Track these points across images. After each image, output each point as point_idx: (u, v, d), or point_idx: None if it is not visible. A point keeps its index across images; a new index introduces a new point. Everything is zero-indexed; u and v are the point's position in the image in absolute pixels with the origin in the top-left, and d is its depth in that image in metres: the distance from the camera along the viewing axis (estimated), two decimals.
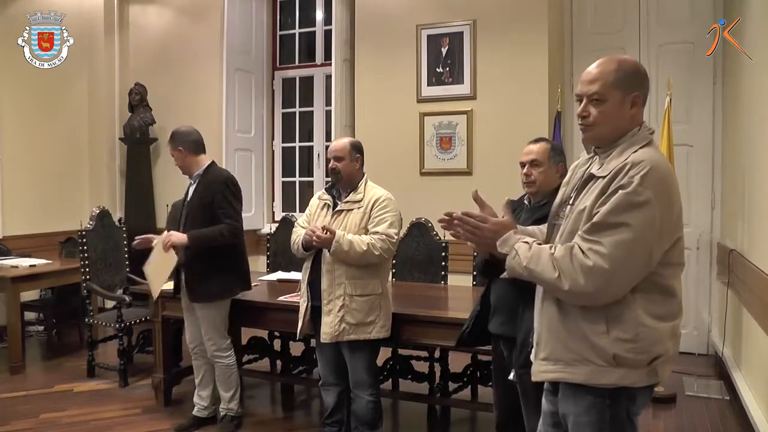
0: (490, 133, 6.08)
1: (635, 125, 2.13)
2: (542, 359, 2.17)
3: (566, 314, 2.10)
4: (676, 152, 5.02)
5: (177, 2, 7.65)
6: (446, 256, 4.91)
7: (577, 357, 2.08)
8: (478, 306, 3.22)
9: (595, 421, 2.11)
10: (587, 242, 2.00)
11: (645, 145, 2.09)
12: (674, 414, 4.71)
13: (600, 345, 2.04)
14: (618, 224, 1.97)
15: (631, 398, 2.10)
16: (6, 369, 5.63)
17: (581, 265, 1.99)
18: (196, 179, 4.26)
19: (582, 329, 2.07)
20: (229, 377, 4.36)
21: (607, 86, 2.10)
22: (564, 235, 2.15)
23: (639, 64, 2.20)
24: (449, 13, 6.25)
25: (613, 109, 2.10)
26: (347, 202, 3.77)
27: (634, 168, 1.99)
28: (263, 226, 7.48)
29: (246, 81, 7.43)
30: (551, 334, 2.14)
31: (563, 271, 2.02)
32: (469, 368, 4.56)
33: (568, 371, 2.10)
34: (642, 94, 2.13)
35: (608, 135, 2.13)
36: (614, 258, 1.96)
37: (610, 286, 1.99)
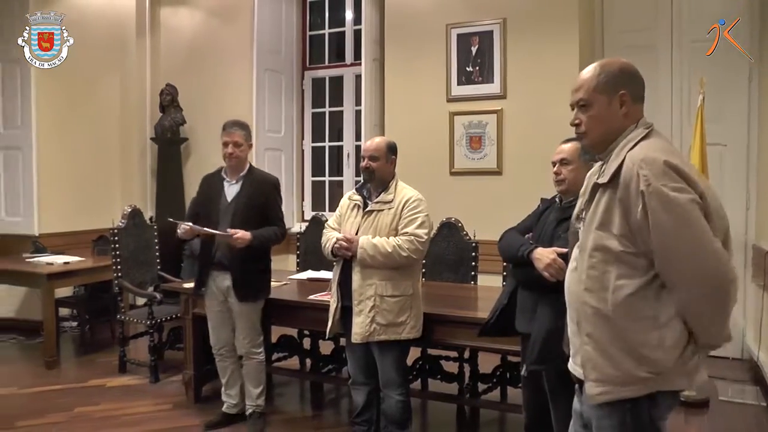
0: (520, 132, 6.04)
1: (630, 123, 2.13)
2: (594, 380, 2.11)
3: (613, 331, 2.06)
4: (710, 152, 4.93)
5: (207, 4, 7.71)
6: (476, 256, 4.88)
7: (628, 375, 2.04)
8: (505, 300, 3.23)
9: (616, 425, 2.10)
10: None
11: (642, 139, 2.09)
12: (707, 419, 4.63)
13: (652, 357, 2.01)
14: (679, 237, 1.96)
15: (654, 402, 2.07)
16: (42, 363, 5.75)
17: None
18: (239, 179, 4.24)
19: (631, 344, 2.03)
20: (260, 373, 4.41)
21: (590, 91, 2.14)
22: (578, 250, 2.19)
23: (625, 63, 2.19)
24: (479, 12, 6.22)
25: (601, 112, 2.13)
26: (378, 202, 3.76)
27: (638, 176, 1.98)
28: (293, 225, 7.49)
29: (276, 81, 7.47)
30: (600, 354, 2.09)
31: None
32: (498, 369, 4.53)
33: (626, 389, 2.06)
34: (630, 91, 2.13)
35: (602, 138, 2.16)
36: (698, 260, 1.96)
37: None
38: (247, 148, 4.27)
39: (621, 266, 2.04)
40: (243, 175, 4.25)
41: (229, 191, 4.25)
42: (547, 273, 2.88)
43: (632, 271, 2.04)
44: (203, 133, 7.48)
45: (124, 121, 7.75)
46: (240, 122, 4.29)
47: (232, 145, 4.18)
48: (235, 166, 4.24)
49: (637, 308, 2.03)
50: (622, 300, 2.03)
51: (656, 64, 5.93)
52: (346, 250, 3.67)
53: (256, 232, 4.11)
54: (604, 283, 2.07)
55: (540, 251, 2.96)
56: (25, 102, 6.76)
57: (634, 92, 2.15)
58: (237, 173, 4.26)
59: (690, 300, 1.99)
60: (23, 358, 6.12)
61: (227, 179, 4.28)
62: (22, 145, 6.81)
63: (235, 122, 4.27)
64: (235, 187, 4.25)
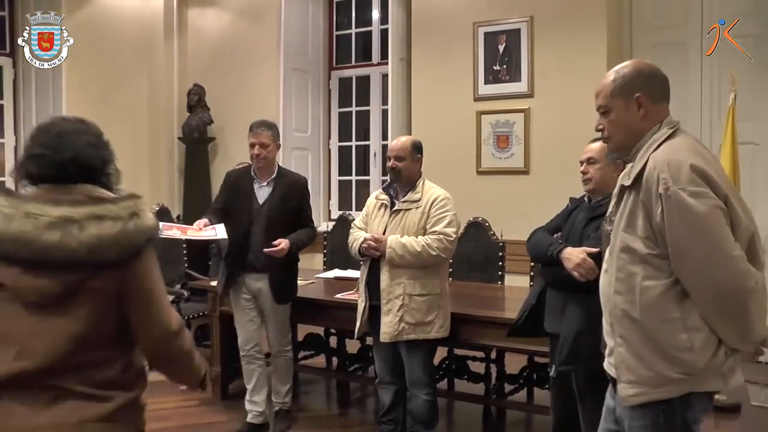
0: (548, 131, 6.00)
1: (651, 124, 2.14)
2: (627, 382, 2.10)
3: (643, 332, 2.06)
4: (741, 151, 4.85)
5: (235, 4, 7.75)
6: (503, 256, 4.86)
7: (661, 377, 2.04)
8: (534, 300, 3.20)
9: (649, 425, 2.09)
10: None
11: (666, 139, 2.09)
12: (738, 424, 4.55)
13: (683, 359, 2.01)
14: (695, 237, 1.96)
15: (687, 404, 2.06)
16: None
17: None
18: (270, 182, 4.19)
19: (662, 346, 2.03)
20: (289, 370, 4.43)
21: (608, 97, 2.18)
22: (608, 252, 2.19)
23: (641, 64, 2.22)
24: (506, 11, 6.19)
25: (619, 116, 2.16)
26: (405, 201, 3.75)
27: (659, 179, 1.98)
28: (320, 224, 7.48)
29: (303, 81, 7.48)
30: (632, 355, 2.08)
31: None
32: (525, 370, 4.50)
33: (659, 390, 2.05)
34: (646, 93, 2.14)
35: (625, 142, 2.19)
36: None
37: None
38: (275, 149, 4.21)
39: (646, 268, 2.05)
40: (273, 177, 4.20)
41: (260, 193, 4.19)
42: (576, 273, 2.86)
43: (657, 272, 2.04)
44: (230, 132, 7.52)
45: (152, 121, 7.82)
46: (267, 122, 4.23)
47: (258, 146, 4.10)
48: (263, 167, 4.18)
49: (663, 310, 2.03)
50: (649, 302, 2.04)
51: (686, 61, 5.85)
52: (375, 249, 3.67)
53: (293, 238, 4.10)
54: (631, 285, 2.07)
55: (569, 251, 2.93)
56: (57, 102, 6.87)
57: (652, 93, 2.15)
58: (267, 175, 4.20)
59: (702, 305, 2.00)
60: None
61: (257, 180, 4.21)
62: None
63: (262, 122, 4.20)
64: (266, 189, 4.19)
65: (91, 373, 1.74)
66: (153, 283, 1.84)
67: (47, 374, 1.70)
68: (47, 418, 1.68)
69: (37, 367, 1.68)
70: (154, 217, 2.07)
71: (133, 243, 1.77)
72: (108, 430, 1.74)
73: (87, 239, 1.69)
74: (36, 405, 1.68)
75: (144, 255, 1.82)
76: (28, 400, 1.68)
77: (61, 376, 1.70)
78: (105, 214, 1.73)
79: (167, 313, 1.84)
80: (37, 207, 1.70)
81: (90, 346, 1.74)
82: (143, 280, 1.81)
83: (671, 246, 1.99)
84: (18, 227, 1.68)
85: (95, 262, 1.70)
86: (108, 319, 1.76)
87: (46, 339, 1.69)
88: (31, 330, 1.70)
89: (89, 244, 1.69)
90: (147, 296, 1.81)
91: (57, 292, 1.70)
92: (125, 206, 1.79)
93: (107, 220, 1.73)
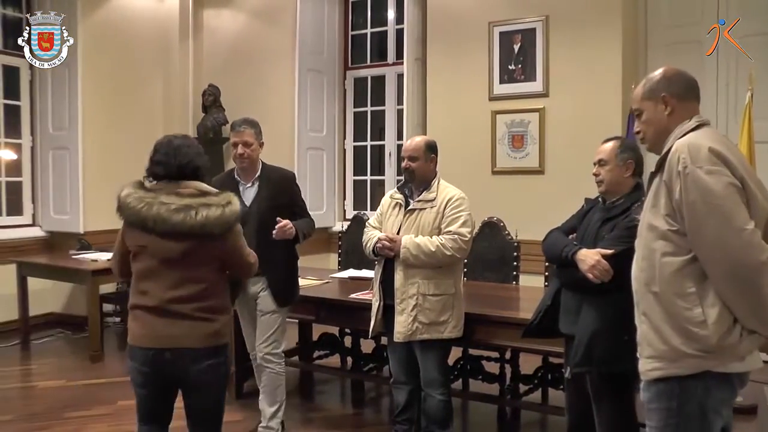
0: (563, 131, 5.98)
1: (678, 121, 2.29)
2: (647, 357, 2.22)
3: (662, 307, 2.16)
4: (758, 150, 4.81)
5: (250, 5, 7.78)
6: (518, 256, 4.85)
7: (676, 352, 2.13)
8: (549, 300, 3.20)
9: (663, 408, 2.18)
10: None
11: (692, 130, 2.24)
12: (755, 427, 4.51)
13: (701, 334, 2.08)
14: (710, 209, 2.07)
15: (705, 389, 2.13)
16: (86, 357, 5.90)
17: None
18: (254, 181, 3.98)
19: (678, 320, 2.12)
20: (277, 388, 4.12)
21: (639, 101, 2.39)
22: (638, 232, 2.33)
23: (667, 69, 2.39)
24: (521, 10, 6.18)
25: (650, 116, 2.35)
26: (420, 201, 3.75)
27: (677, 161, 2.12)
28: (335, 224, 7.54)
29: (318, 81, 7.49)
30: (653, 330, 2.19)
31: None
32: (540, 370, 4.49)
33: (675, 365, 2.14)
34: (671, 92, 2.31)
35: (655, 138, 2.35)
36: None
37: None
38: (258, 148, 3.99)
39: (667, 244, 2.17)
40: (258, 176, 3.99)
41: (246, 195, 3.96)
42: (591, 275, 2.85)
43: (677, 248, 2.15)
44: None
45: (168, 121, 7.85)
46: (250, 120, 4.03)
47: (242, 146, 3.91)
48: (247, 167, 3.98)
49: (681, 285, 2.13)
50: (667, 276, 2.15)
51: (701, 60, 5.80)
52: (389, 249, 3.67)
53: (297, 224, 3.90)
54: (652, 260, 2.20)
55: (584, 252, 2.93)
56: (73, 103, 6.91)
57: (677, 92, 2.31)
58: (251, 175, 4.00)
59: (716, 279, 2.08)
60: (70, 352, 6.27)
61: (242, 182, 4.01)
62: (69, 146, 6.98)
63: (245, 120, 4.01)
64: (252, 189, 3.99)
65: (202, 302, 2.78)
66: (239, 244, 2.88)
67: (176, 302, 2.75)
68: (181, 330, 2.75)
69: (170, 297, 2.74)
70: (240, 203, 2.91)
71: (229, 222, 2.75)
72: (215, 341, 2.81)
73: (200, 220, 2.67)
74: (172, 322, 2.75)
75: (234, 228, 2.81)
76: (166, 320, 2.76)
77: (182, 304, 2.75)
78: (211, 203, 2.72)
79: (247, 257, 2.94)
80: (167, 197, 2.71)
81: (197, 287, 2.76)
82: (234, 245, 2.85)
83: (688, 220, 2.10)
84: (156, 211, 2.68)
85: (205, 234, 2.69)
86: (210, 271, 2.80)
87: (173, 280, 2.75)
88: (165, 274, 2.75)
89: (201, 223, 2.67)
90: (238, 253, 2.89)
91: (179, 252, 2.72)
92: (223, 197, 2.78)
93: (212, 207, 2.71)
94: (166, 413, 2.98)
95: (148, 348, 2.78)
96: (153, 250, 2.74)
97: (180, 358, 2.76)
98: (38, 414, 4.65)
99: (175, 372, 2.79)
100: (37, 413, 4.67)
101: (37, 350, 6.35)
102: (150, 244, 2.73)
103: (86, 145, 6.97)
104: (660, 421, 2.20)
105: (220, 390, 2.94)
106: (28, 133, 7.18)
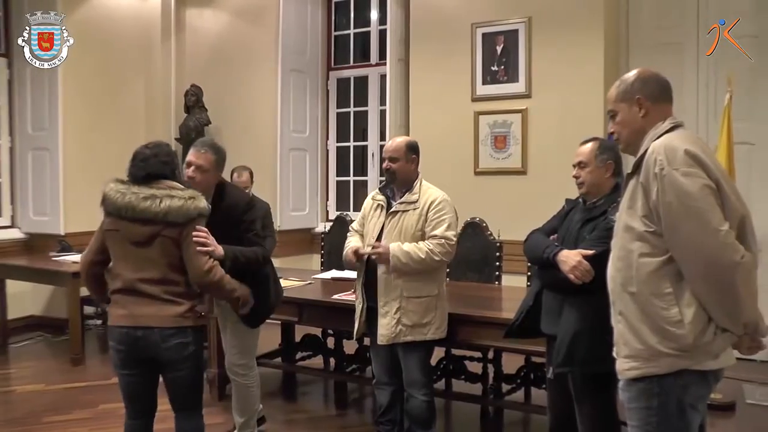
0: (545, 131, 6.00)
1: (654, 122, 2.32)
2: (624, 357, 2.26)
3: (639, 307, 2.20)
4: (737, 150, 4.86)
5: (233, 5, 7.74)
6: (500, 257, 4.86)
7: (653, 351, 2.17)
8: (531, 301, 3.21)
9: (644, 407, 2.22)
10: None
11: (667, 132, 2.26)
12: (734, 422, 4.57)
13: (677, 333, 2.13)
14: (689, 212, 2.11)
15: (683, 386, 2.17)
16: (67, 360, 5.83)
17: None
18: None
19: (654, 320, 2.17)
20: (246, 398, 3.99)
21: (614, 102, 2.41)
22: (615, 232, 2.37)
23: (642, 71, 2.42)
24: (504, 11, 6.19)
25: (624, 117, 2.38)
26: (402, 203, 3.73)
27: (654, 163, 2.16)
28: (317, 225, 7.53)
29: (301, 81, 7.49)
30: (629, 329, 2.23)
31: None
32: (522, 370, 4.50)
33: (652, 365, 2.18)
34: (645, 94, 2.34)
35: (630, 139, 2.39)
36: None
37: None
38: (215, 178, 3.61)
39: (643, 245, 2.21)
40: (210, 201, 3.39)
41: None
42: (572, 275, 2.86)
43: (653, 249, 2.19)
44: (228, 133, 7.50)
45: (150, 121, 7.81)
46: (216, 146, 3.66)
47: (194, 168, 3.52)
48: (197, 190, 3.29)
49: (657, 285, 2.17)
50: (644, 276, 2.20)
51: (682, 61, 5.85)
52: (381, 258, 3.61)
53: (231, 248, 3.34)
54: (629, 261, 2.24)
55: (565, 253, 2.94)
56: (53, 104, 6.84)
57: (651, 94, 2.34)
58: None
59: (692, 279, 2.13)
60: (50, 355, 6.21)
61: None
62: (49, 146, 6.90)
63: (212, 145, 3.66)
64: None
65: (168, 286, 3.04)
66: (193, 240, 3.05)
67: (144, 282, 3.02)
68: (149, 311, 3.02)
69: (138, 278, 3.03)
70: (207, 204, 3.13)
71: (189, 214, 3.02)
72: (179, 322, 3.04)
73: (163, 207, 2.97)
74: (142, 302, 3.03)
75: (195, 222, 3.05)
76: (136, 299, 3.03)
77: (152, 285, 3.02)
78: (174, 195, 3.02)
79: (199, 259, 3.05)
80: (138, 189, 3.04)
81: (165, 269, 3.04)
82: (188, 237, 3.03)
83: (664, 221, 2.14)
84: (127, 199, 3.02)
85: (166, 221, 2.99)
86: (174, 255, 3.04)
87: (141, 262, 3.03)
88: (134, 256, 3.04)
89: (165, 211, 2.98)
90: (189, 247, 3.03)
91: (146, 235, 3.01)
92: (188, 193, 3.07)
93: (176, 198, 3.01)
94: (148, 399, 3.25)
95: (122, 326, 3.06)
96: (124, 233, 3.05)
97: (149, 336, 3.02)
98: (17, 419, 4.60)
99: (147, 350, 3.05)
100: (17, 418, 4.62)
101: (17, 354, 6.28)
102: (122, 228, 3.04)
103: (67, 145, 6.90)
104: (641, 420, 2.23)
105: (193, 368, 3.14)
106: (7, 134, 7.10)
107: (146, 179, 3.07)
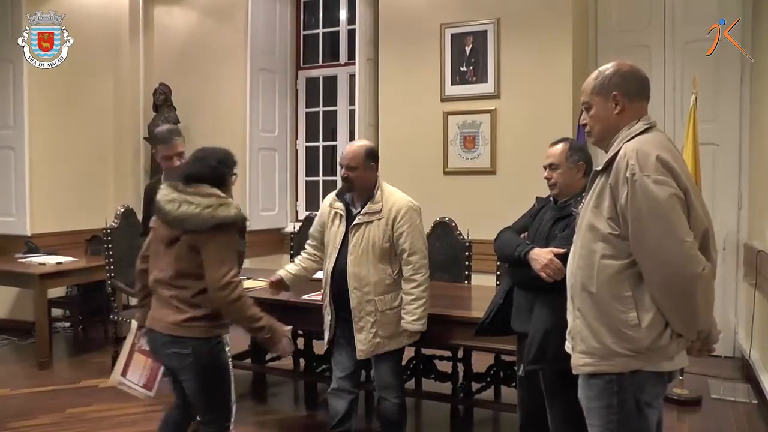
0: (514, 132, 6.05)
1: (628, 120, 2.31)
2: (580, 352, 2.29)
3: (597, 307, 2.23)
4: (702, 151, 4.95)
5: (201, 3, 7.69)
6: (470, 256, 4.88)
7: (609, 350, 2.20)
8: (501, 299, 3.23)
9: (604, 406, 2.25)
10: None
11: (640, 133, 2.25)
12: (699, 417, 4.66)
13: (634, 336, 2.16)
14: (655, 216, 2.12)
15: (639, 385, 2.21)
16: (34, 364, 5.73)
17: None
18: None
19: (612, 321, 2.19)
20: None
21: (589, 94, 2.37)
22: (576, 228, 2.39)
23: (620, 65, 2.37)
24: (473, 12, 6.22)
25: (598, 112, 2.34)
26: (365, 214, 3.57)
27: (626, 166, 2.15)
28: (287, 224, 7.51)
29: (270, 81, 7.45)
30: (586, 327, 2.26)
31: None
32: (492, 368, 4.54)
33: (607, 363, 2.22)
34: (623, 91, 2.30)
35: (601, 134, 2.37)
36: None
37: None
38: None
39: (607, 247, 2.22)
40: None
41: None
42: (544, 273, 2.88)
43: (616, 252, 2.20)
44: (197, 132, 7.42)
45: (118, 120, 7.71)
46: (176, 129, 4.03)
47: (176, 157, 3.92)
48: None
49: (618, 288, 2.20)
50: (605, 279, 2.21)
51: (649, 64, 5.94)
52: None
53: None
54: (591, 261, 2.25)
55: (537, 252, 2.96)
56: (18, 102, 6.71)
57: (628, 91, 2.31)
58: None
59: (653, 285, 2.16)
60: (16, 359, 6.10)
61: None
62: (15, 145, 6.76)
63: (174, 130, 4.02)
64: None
65: (177, 291, 2.97)
66: (212, 251, 2.90)
67: (159, 284, 3.03)
68: (157, 314, 3.02)
69: (156, 278, 3.04)
70: (237, 214, 2.97)
71: (204, 222, 2.88)
72: (175, 331, 2.95)
73: (180, 213, 2.91)
74: (156, 303, 3.05)
75: (214, 232, 2.89)
76: (155, 299, 3.07)
77: (164, 288, 3.00)
78: (193, 201, 2.91)
79: (217, 272, 2.88)
80: (172, 190, 2.99)
81: (177, 274, 2.97)
82: (206, 246, 2.90)
83: (631, 226, 2.15)
84: (159, 199, 3.01)
85: (184, 228, 2.91)
86: (188, 260, 2.94)
87: (163, 263, 3.02)
88: (161, 256, 3.03)
89: (181, 217, 2.90)
90: (207, 257, 2.90)
91: (168, 238, 2.99)
92: (209, 201, 2.92)
93: (193, 205, 2.90)
94: (180, 395, 3.26)
95: (146, 327, 3.14)
96: (156, 232, 3.10)
97: (156, 339, 3.06)
98: None
99: (156, 351, 3.12)
100: None
101: None
102: (158, 227, 3.09)
103: (33, 144, 6.77)
104: (602, 418, 2.27)
105: (195, 380, 3.02)
106: None
107: (185, 180, 3.03)
